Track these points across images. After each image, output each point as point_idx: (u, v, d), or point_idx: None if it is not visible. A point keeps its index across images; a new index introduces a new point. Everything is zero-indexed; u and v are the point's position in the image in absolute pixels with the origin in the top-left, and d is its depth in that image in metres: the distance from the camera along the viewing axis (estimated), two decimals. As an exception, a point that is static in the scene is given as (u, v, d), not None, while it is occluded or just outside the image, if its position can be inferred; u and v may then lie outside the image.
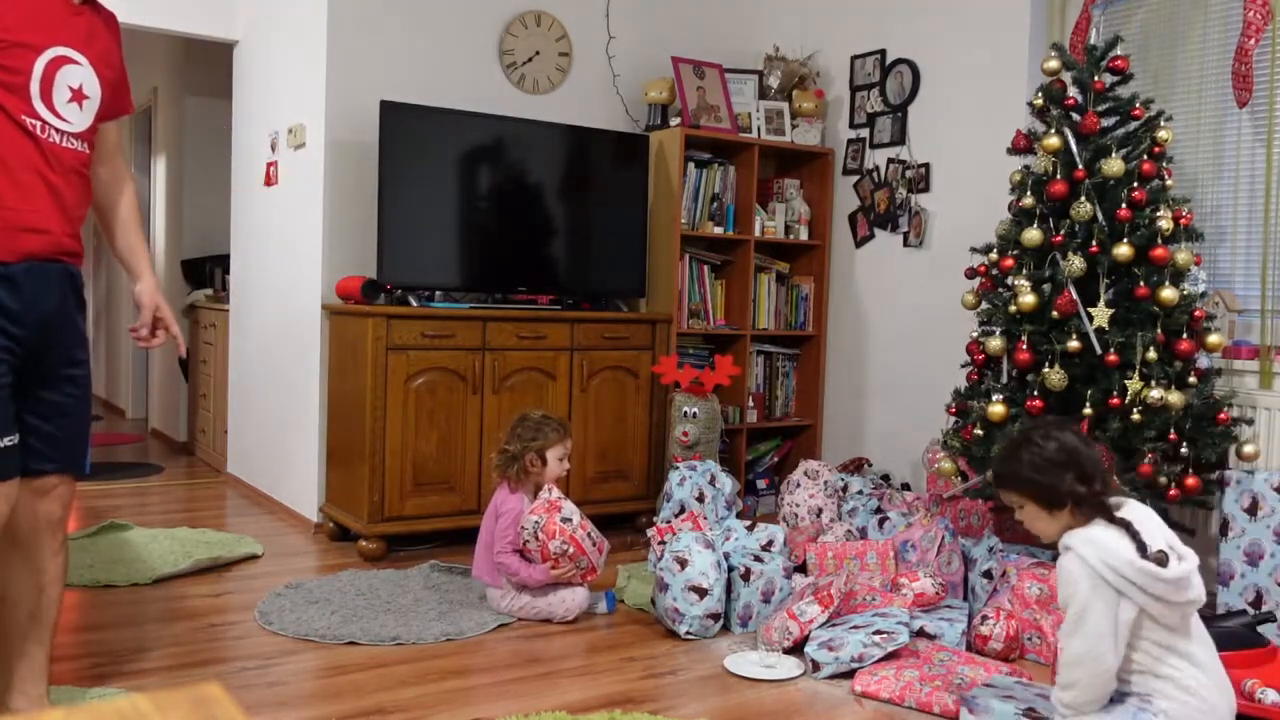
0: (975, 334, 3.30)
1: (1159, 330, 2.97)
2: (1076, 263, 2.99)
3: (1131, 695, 2.10)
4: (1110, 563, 2.01)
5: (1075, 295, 3.02)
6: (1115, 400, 2.94)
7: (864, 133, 4.58)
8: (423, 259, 3.91)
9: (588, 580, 3.16)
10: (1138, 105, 3.16)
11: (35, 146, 1.95)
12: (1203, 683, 2.05)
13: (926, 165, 4.30)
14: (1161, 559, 1.99)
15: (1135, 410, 2.93)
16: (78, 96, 2.02)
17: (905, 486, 4.24)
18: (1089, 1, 3.63)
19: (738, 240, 4.57)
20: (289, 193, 4.42)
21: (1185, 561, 2.03)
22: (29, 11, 1.96)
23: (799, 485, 3.94)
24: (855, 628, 2.79)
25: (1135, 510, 2.11)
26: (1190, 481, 2.96)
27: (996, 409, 3.05)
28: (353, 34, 4.07)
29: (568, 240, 4.22)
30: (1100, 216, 3.05)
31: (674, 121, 4.48)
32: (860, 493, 3.94)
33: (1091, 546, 2.04)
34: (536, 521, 3.07)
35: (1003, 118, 3.93)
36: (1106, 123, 3.18)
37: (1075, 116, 3.17)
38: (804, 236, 4.73)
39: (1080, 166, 3.10)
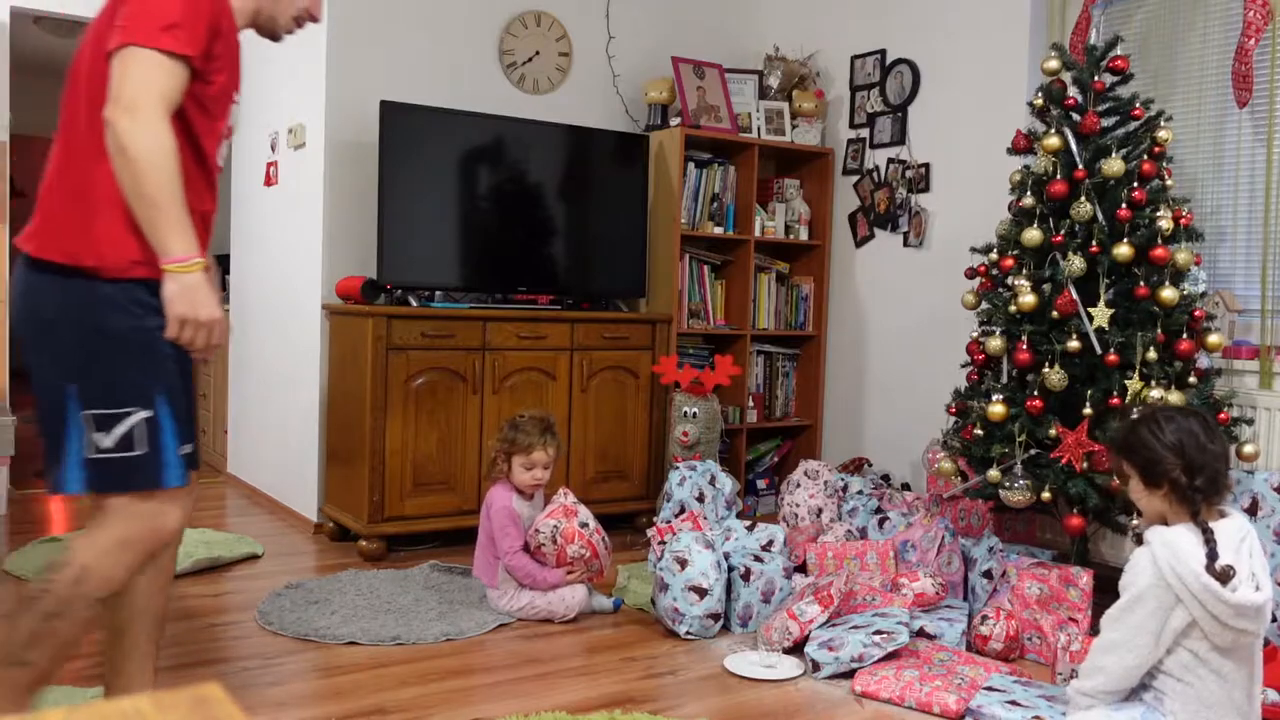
0: (975, 334, 3.30)
1: (1159, 330, 2.97)
2: (1076, 263, 2.99)
3: (1147, 691, 2.09)
4: (1178, 570, 2.01)
5: (1075, 295, 3.02)
6: (1115, 400, 2.94)
7: (864, 133, 4.58)
8: (423, 259, 3.91)
9: (595, 583, 3.21)
10: (1138, 105, 3.16)
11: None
12: (1223, 703, 2.03)
13: (926, 165, 4.30)
14: (1226, 574, 1.98)
15: (1139, 408, 2.92)
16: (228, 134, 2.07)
17: (905, 486, 4.24)
18: (1089, 1, 3.63)
19: (738, 240, 4.57)
20: (289, 193, 4.42)
21: (1260, 593, 2.02)
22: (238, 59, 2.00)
23: (799, 485, 3.94)
24: (855, 628, 2.79)
25: (1232, 523, 2.10)
26: (1190, 481, 2.95)
27: (996, 409, 3.04)
28: (353, 34, 4.07)
29: (568, 240, 4.22)
30: (1100, 216, 3.05)
31: (674, 121, 4.48)
32: (860, 493, 3.94)
33: (1166, 549, 2.04)
34: (555, 525, 3.08)
35: (1003, 118, 3.92)
36: (1106, 123, 3.18)
37: (1075, 116, 3.17)
38: (804, 236, 4.73)
39: (1080, 166, 3.10)
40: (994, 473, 3.04)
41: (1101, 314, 2.98)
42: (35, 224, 1.87)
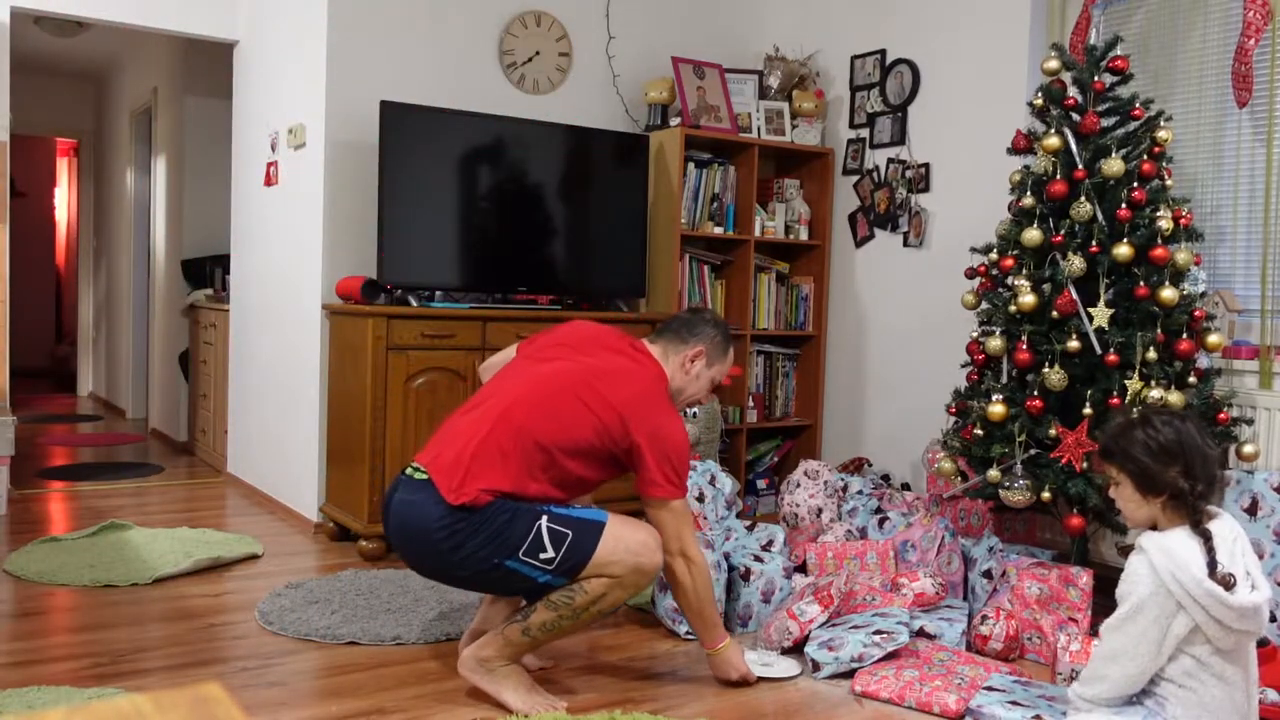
0: (975, 334, 3.30)
1: (1159, 330, 2.97)
2: (1076, 263, 2.99)
3: (1148, 697, 2.08)
4: (1178, 576, 1.98)
5: (1075, 295, 3.02)
6: (1115, 400, 2.94)
7: (864, 133, 4.58)
8: (423, 259, 3.91)
9: None
10: (1138, 105, 3.16)
11: None
12: (1225, 707, 2.03)
13: (926, 165, 4.30)
14: (1228, 581, 1.96)
15: (1135, 410, 2.92)
16: None
17: (905, 486, 4.24)
18: (1089, 1, 3.63)
19: (738, 240, 4.57)
20: (289, 193, 4.42)
21: (1257, 592, 2.00)
22: None
23: (799, 485, 3.94)
24: (855, 628, 2.79)
25: (1224, 525, 2.07)
26: (1190, 481, 2.95)
27: (996, 409, 3.04)
28: (353, 34, 4.07)
29: (568, 240, 4.22)
30: (1100, 216, 3.05)
31: (674, 121, 4.48)
32: (860, 493, 3.94)
33: (1164, 555, 2.01)
34: None
35: (1003, 118, 3.92)
36: (1106, 123, 3.18)
37: (1075, 116, 3.17)
38: (804, 236, 4.73)
39: (1080, 166, 3.10)
40: (994, 473, 3.04)
41: (1101, 314, 2.98)
42: (451, 477, 2.35)
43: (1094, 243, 3.03)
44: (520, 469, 2.38)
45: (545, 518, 2.35)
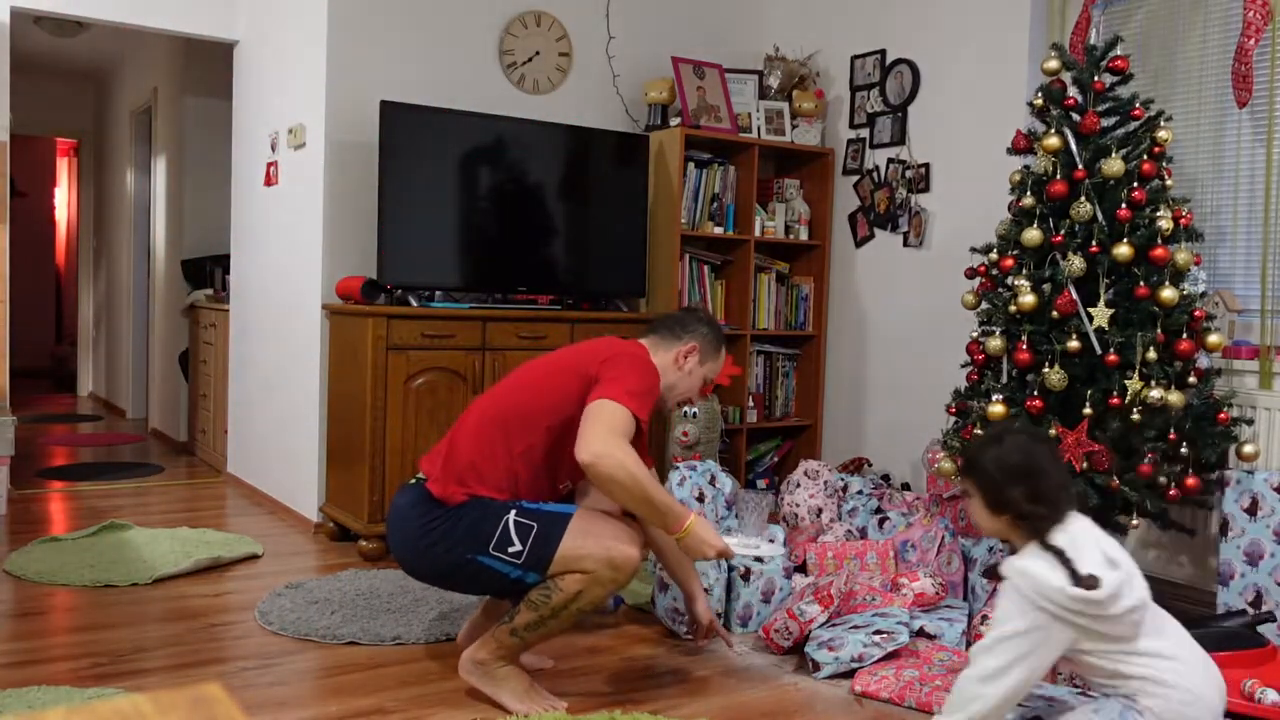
0: (975, 334, 3.30)
1: (1159, 330, 2.97)
2: (1076, 263, 2.99)
3: (1115, 696, 2.09)
4: (1043, 592, 2.02)
5: (1075, 295, 3.02)
6: (1115, 400, 2.94)
7: (864, 133, 4.58)
8: (423, 259, 3.91)
9: None
10: (1138, 105, 3.15)
11: None
12: (1180, 673, 2.04)
13: (926, 165, 4.30)
14: (1092, 583, 1.98)
15: (1135, 410, 2.92)
16: None
17: (905, 486, 4.24)
18: (1089, 1, 3.63)
19: (738, 240, 4.57)
20: (289, 193, 4.42)
21: (1118, 570, 2.02)
22: None
23: (799, 485, 3.93)
24: (855, 628, 2.79)
25: (1073, 526, 2.11)
26: (1190, 481, 2.95)
27: (996, 409, 3.04)
28: (353, 34, 4.07)
29: (568, 240, 4.22)
30: (1100, 216, 3.05)
31: (674, 121, 4.48)
32: (860, 493, 3.94)
33: (1024, 578, 2.05)
34: None
35: (1003, 118, 3.92)
36: (1106, 123, 3.18)
37: (1075, 116, 3.17)
38: (804, 236, 4.73)
39: (1080, 166, 3.10)
40: (994, 473, 3.03)
41: (1101, 314, 2.98)
42: (433, 467, 2.46)
43: (1094, 243, 3.03)
44: (499, 446, 2.42)
45: (514, 512, 2.38)
